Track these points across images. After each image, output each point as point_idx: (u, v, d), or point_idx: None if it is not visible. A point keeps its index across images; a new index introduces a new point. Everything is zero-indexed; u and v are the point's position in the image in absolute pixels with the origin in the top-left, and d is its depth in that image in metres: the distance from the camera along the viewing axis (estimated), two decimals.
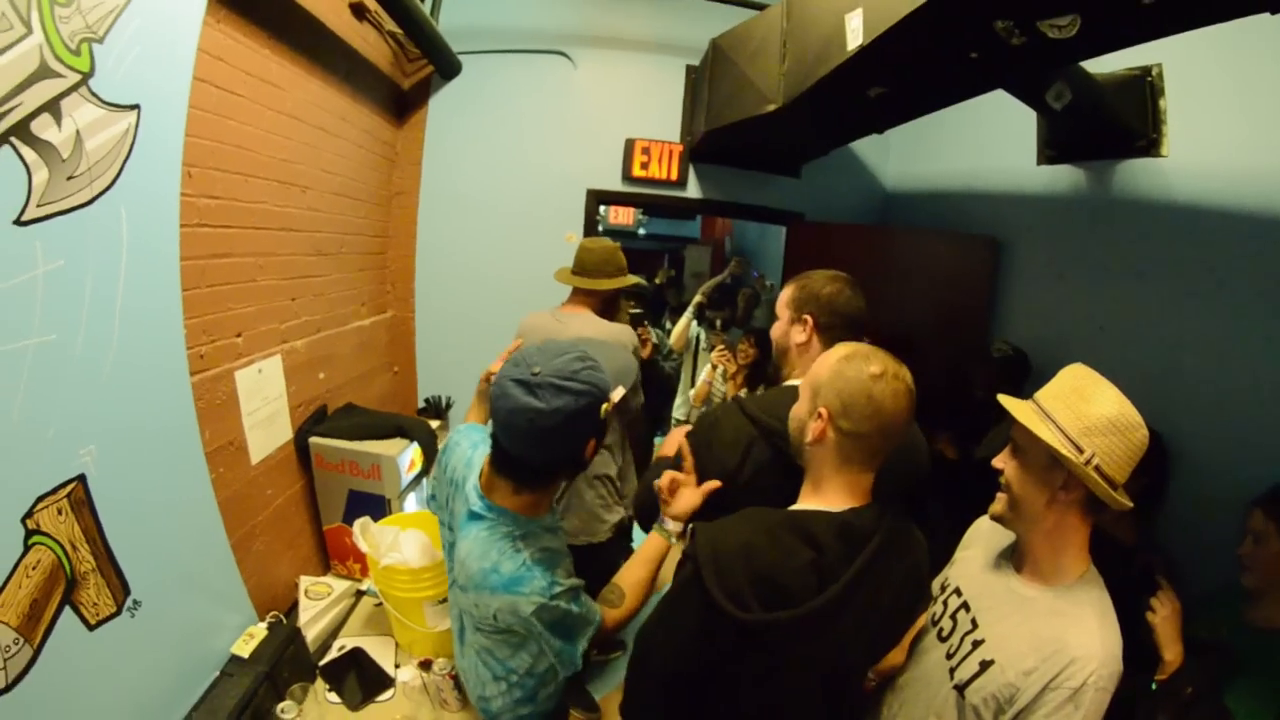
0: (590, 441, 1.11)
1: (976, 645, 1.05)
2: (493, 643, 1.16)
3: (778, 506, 1.23)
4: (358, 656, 1.72)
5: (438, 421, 2.93)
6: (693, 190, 3.31)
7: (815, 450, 1.03)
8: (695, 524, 1.04)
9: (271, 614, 1.65)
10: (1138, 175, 1.97)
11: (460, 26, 2.81)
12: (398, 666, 1.70)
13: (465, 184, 3.08)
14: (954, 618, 1.14)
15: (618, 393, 1.14)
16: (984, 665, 1.02)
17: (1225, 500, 1.55)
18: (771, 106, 2.22)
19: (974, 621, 1.09)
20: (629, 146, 3.18)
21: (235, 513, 1.60)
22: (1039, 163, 2.34)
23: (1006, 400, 1.06)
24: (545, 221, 3.18)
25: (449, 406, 3.12)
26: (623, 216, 7.19)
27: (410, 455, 2.14)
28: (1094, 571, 1.02)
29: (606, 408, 1.09)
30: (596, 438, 1.12)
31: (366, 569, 1.93)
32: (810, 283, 1.43)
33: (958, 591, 1.17)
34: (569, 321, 2.02)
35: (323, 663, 1.67)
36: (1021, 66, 1.69)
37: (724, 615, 0.89)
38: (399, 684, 1.63)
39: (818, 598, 0.90)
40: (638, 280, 2.18)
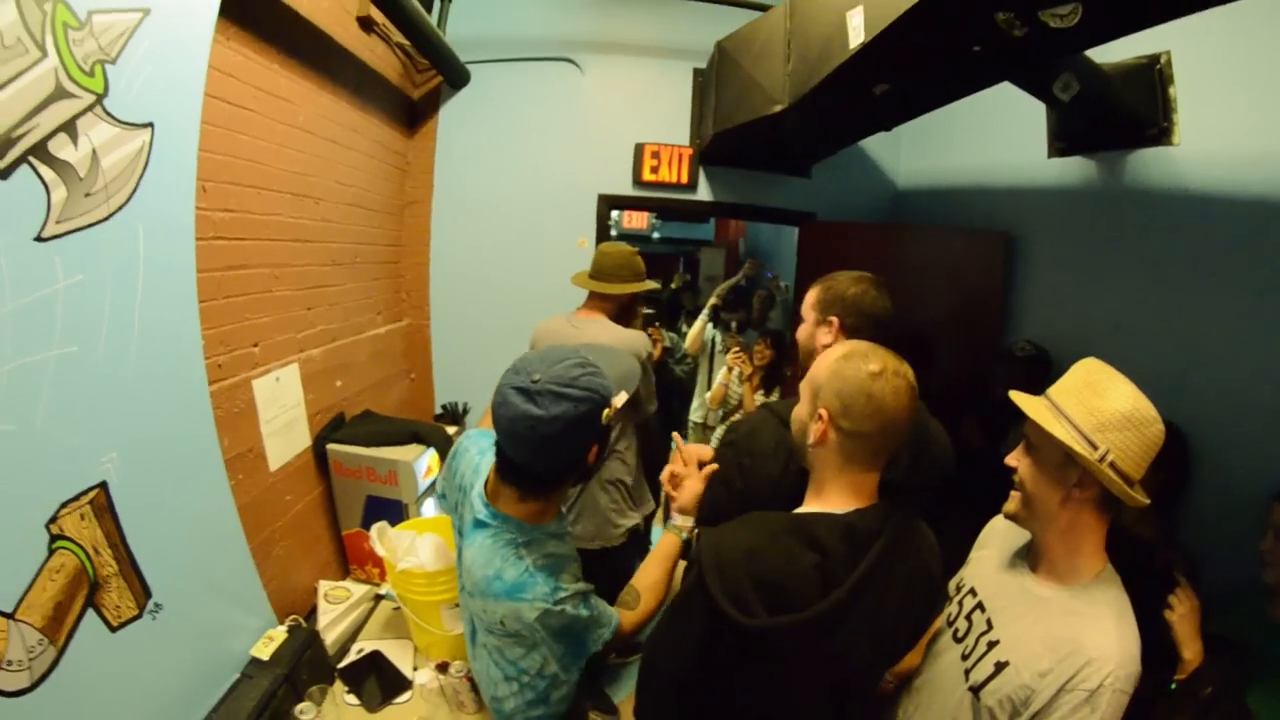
0: (593, 447, 1.11)
1: (991, 646, 1.04)
2: (503, 644, 1.17)
3: None
4: (376, 659, 1.74)
5: (455, 427, 2.95)
6: (703, 193, 3.31)
7: (818, 452, 1.02)
8: (700, 529, 1.02)
9: (291, 617, 1.68)
10: (1150, 165, 1.93)
11: (467, 36, 2.86)
12: (415, 669, 1.72)
13: (477, 192, 3.12)
14: (969, 618, 1.13)
15: (620, 398, 1.14)
16: (999, 667, 1.00)
17: (1247, 495, 1.51)
18: (778, 107, 2.22)
19: (989, 622, 1.07)
20: (639, 151, 3.20)
21: (254, 518, 1.64)
22: (1049, 155, 2.31)
23: (1018, 397, 1.05)
24: (557, 227, 3.21)
25: (466, 412, 3.15)
26: (637, 220, 7.22)
27: (427, 461, 2.16)
28: (1111, 570, 1.00)
29: (608, 413, 1.09)
30: (599, 443, 1.12)
31: (385, 573, 1.95)
32: (835, 284, 1.44)
33: (973, 592, 1.16)
34: (584, 327, 2.04)
35: (341, 665, 1.70)
36: (1026, 58, 1.67)
37: (728, 620, 0.88)
38: (416, 686, 1.65)
39: (822, 602, 0.89)
40: (653, 285, 2.18)
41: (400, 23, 2.16)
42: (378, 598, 2.00)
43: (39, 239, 1.00)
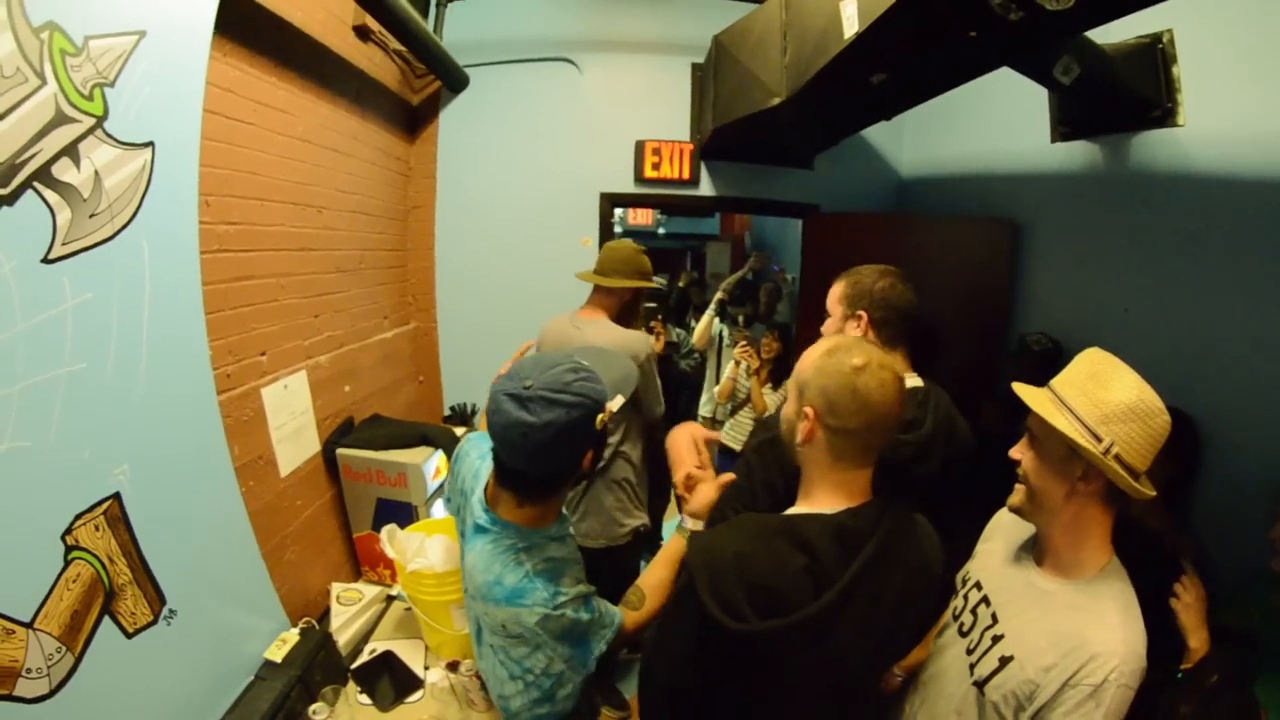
0: (588, 453, 1.10)
1: (996, 641, 1.03)
2: (508, 644, 1.18)
3: None
4: (388, 659, 1.77)
5: (463, 428, 2.99)
6: (705, 188, 3.30)
7: (806, 451, 1.01)
8: (691, 533, 1.02)
9: (304, 620, 1.72)
10: (1155, 147, 1.90)
11: (464, 40, 2.87)
12: (427, 668, 1.75)
13: (479, 194, 3.14)
14: (974, 612, 1.12)
15: (616, 402, 1.13)
16: (1003, 661, 0.99)
17: (1258, 483, 1.49)
18: (776, 100, 2.20)
19: (994, 616, 1.07)
20: (639, 148, 3.19)
21: (266, 524, 1.67)
22: (1053, 140, 2.28)
23: (1021, 389, 1.03)
24: (560, 227, 3.22)
25: (474, 413, 3.18)
26: (642, 217, 7.21)
27: (435, 463, 2.19)
28: (1116, 564, 0.99)
29: (603, 418, 1.08)
30: (594, 448, 1.12)
31: (396, 574, 1.98)
32: (861, 279, 1.43)
33: (978, 585, 1.15)
34: (584, 327, 2.04)
35: (354, 666, 1.73)
36: (1024, 42, 1.64)
37: (719, 625, 0.87)
38: (428, 685, 1.68)
39: (811, 605, 0.87)
40: (656, 284, 2.17)
41: (395, 30, 2.17)
42: (389, 599, 2.04)
43: (46, 260, 1.03)
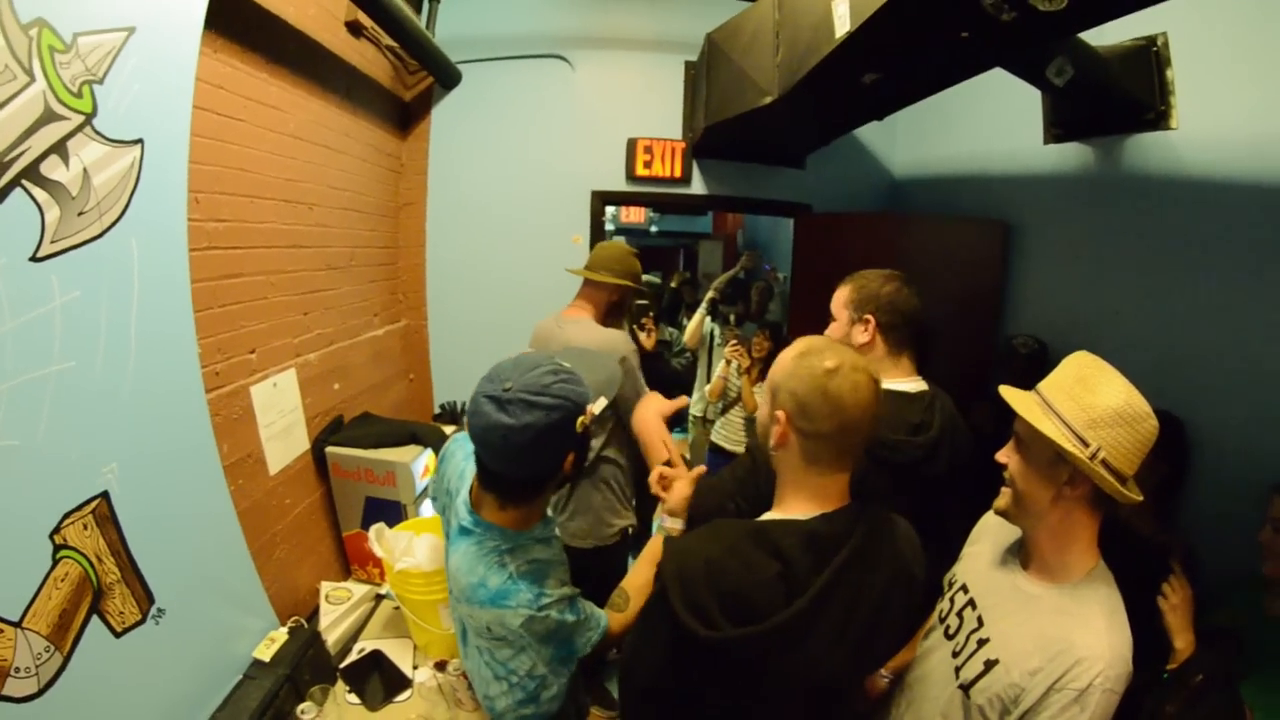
0: (569, 455, 1.10)
1: (982, 644, 1.04)
2: (492, 646, 1.18)
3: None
4: (377, 658, 1.77)
5: (453, 426, 2.98)
6: (697, 187, 3.31)
7: (780, 455, 1.00)
8: (666, 539, 1.00)
9: (293, 619, 1.71)
10: (1148, 149, 1.92)
11: (457, 36, 2.86)
12: (415, 667, 1.75)
13: (471, 191, 3.13)
14: (960, 615, 1.13)
15: (599, 404, 1.14)
16: (988, 665, 1.00)
17: (1248, 486, 1.48)
18: (768, 99, 2.21)
19: (980, 619, 1.08)
20: (631, 146, 3.19)
21: (255, 522, 1.67)
22: (1046, 141, 2.30)
23: (1007, 392, 1.04)
24: (552, 224, 3.21)
25: (464, 411, 3.17)
26: (634, 215, 7.21)
27: (424, 461, 2.19)
28: (1103, 568, 0.99)
29: (583, 420, 1.08)
30: (576, 450, 1.12)
31: (385, 573, 1.98)
32: (868, 283, 1.45)
33: (964, 588, 1.16)
34: (567, 326, 2.04)
35: (343, 665, 1.73)
36: (1017, 43, 1.65)
37: (691, 633, 0.87)
38: (416, 684, 1.68)
39: (781, 613, 0.86)
40: (638, 285, 2.15)
41: (387, 26, 2.16)
42: (379, 597, 2.03)
43: (35, 259, 1.02)
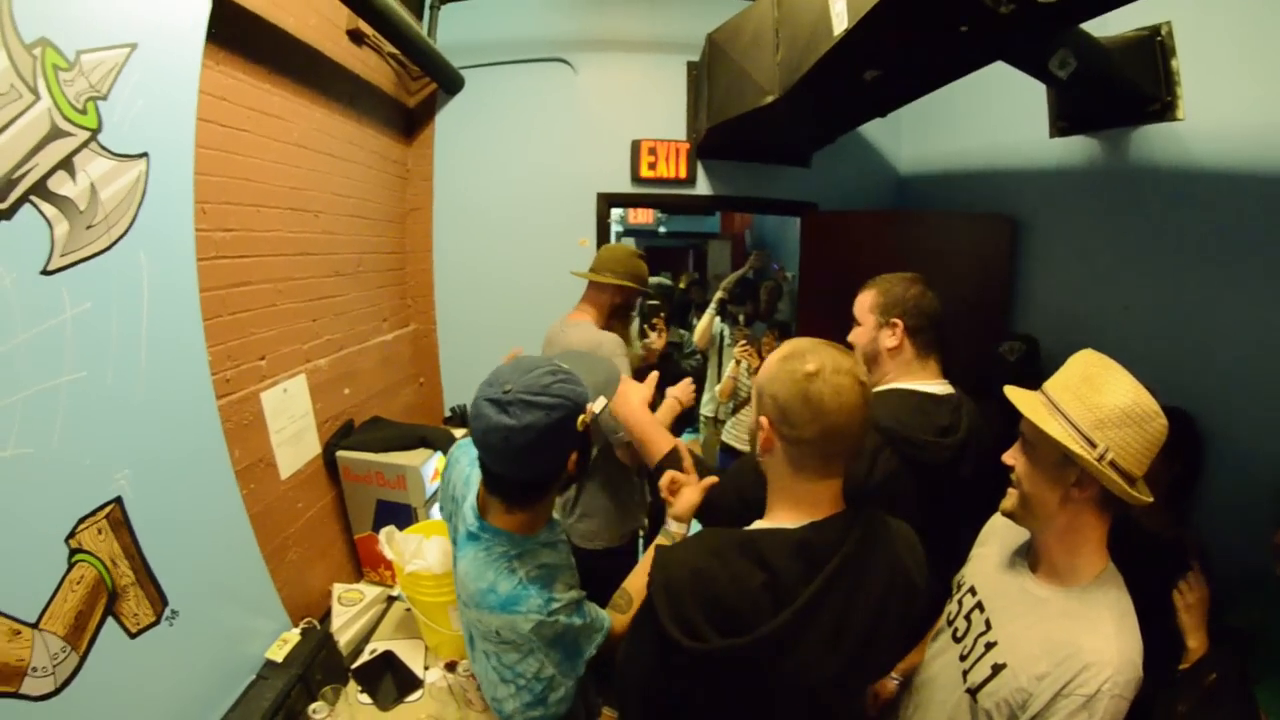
0: (571, 454, 1.11)
1: (989, 648, 1.03)
2: (500, 650, 1.19)
3: (910, 518, 1.16)
4: (389, 659, 1.80)
5: (464, 429, 3.01)
6: (702, 187, 3.30)
7: (767, 461, 0.98)
8: (657, 546, 0.99)
9: (306, 620, 1.74)
10: (1153, 141, 1.88)
11: (458, 42, 2.88)
12: (426, 668, 1.77)
13: (477, 195, 3.15)
14: (968, 618, 1.12)
15: (599, 403, 1.15)
16: (996, 669, 0.99)
17: (1262, 484, 1.47)
18: (769, 98, 2.20)
19: (987, 623, 1.07)
20: (635, 147, 3.19)
21: (267, 526, 1.69)
22: (1051, 135, 2.27)
23: (1013, 392, 1.03)
24: (558, 227, 3.22)
25: None
26: (642, 216, 7.20)
27: (434, 465, 2.21)
28: (1112, 570, 0.98)
29: (584, 419, 1.09)
30: (578, 450, 1.12)
31: (396, 575, 2.01)
32: (892, 287, 1.48)
33: (972, 590, 1.15)
34: (568, 330, 2.05)
35: (355, 665, 1.76)
36: (1017, 36, 1.64)
37: (674, 643, 0.86)
38: (427, 685, 1.70)
39: (766, 625, 0.84)
40: (641, 285, 2.13)
41: (388, 34, 2.18)
42: (390, 599, 2.06)
43: (45, 272, 1.05)
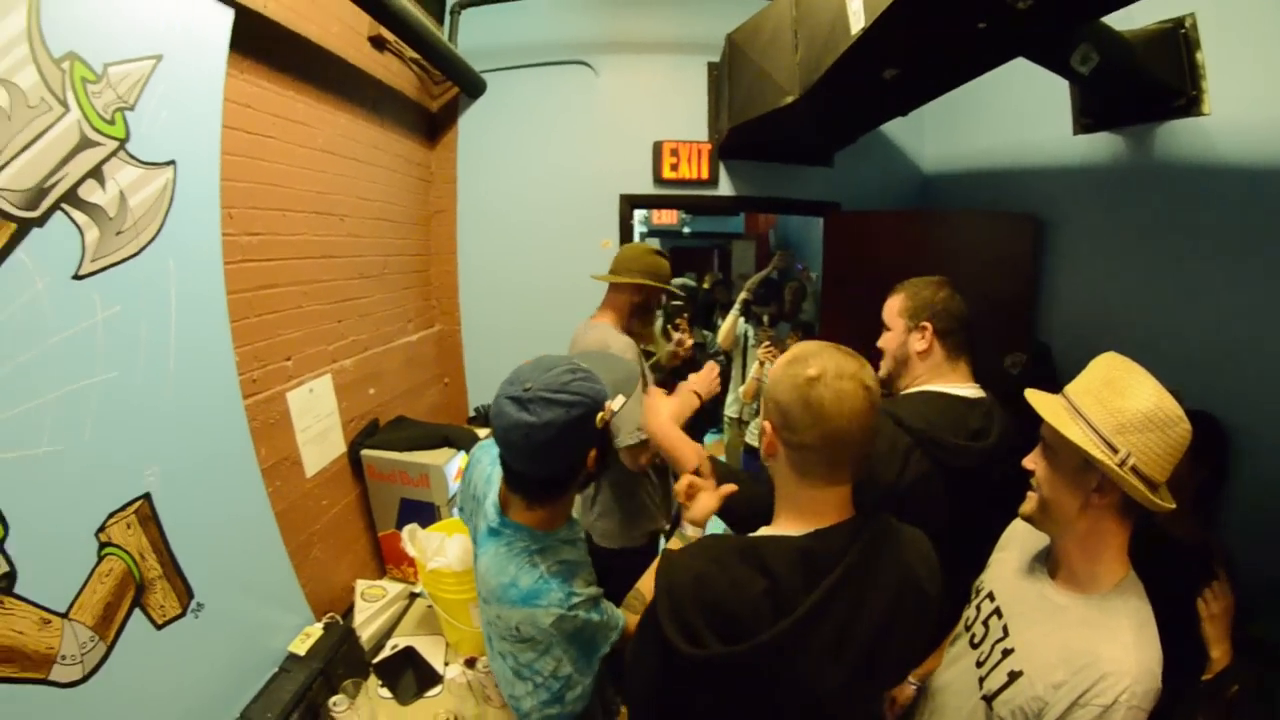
0: (591, 451, 1.13)
1: (1006, 654, 1.01)
2: (516, 649, 1.21)
3: (939, 521, 1.15)
4: (410, 654, 1.83)
5: (487, 430, 3.05)
6: (725, 188, 3.29)
7: (772, 466, 0.98)
8: (663, 551, 0.99)
9: (329, 615, 1.78)
10: (1179, 137, 1.81)
11: (479, 46, 2.92)
12: (446, 664, 1.80)
13: (500, 197, 3.18)
14: (986, 624, 1.11)
15: (617, 401, 1.16)
16: (1012, 676, 0.98)
17: None
18: (789, 98, 2.18)
19: (1005, 629, 1.05)
20: (657, 148, 3.19)
21: (292, 522, 1.74)
22: (1075, 132, 2.20)
23: (1033, 396, 1.01)
24: (580, 228, 3.24)
25: None
26: (666, 216, 7.20)
27: (457, 464, 2.24)
28: (1133, 578, 0.96)
29: (603, 416, 1.11)
30: (598, 447, 1.14)
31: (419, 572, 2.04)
32: (920, 291, 1.49)
33: (990, 596, 1.13)
34: (586, 333, 2.06)
35: (376, 660, 1.79)
36: (1037, 31, 1.60)
37: (675, 649, 0.86)
38: (446, 680, 1.73)
39: (766, 632, 0.84)
40: (658, 282, 2.11)
41: (409, 40, 2.21)
42: (413, 596, 2.10)
43: (77, 277, 1.10)
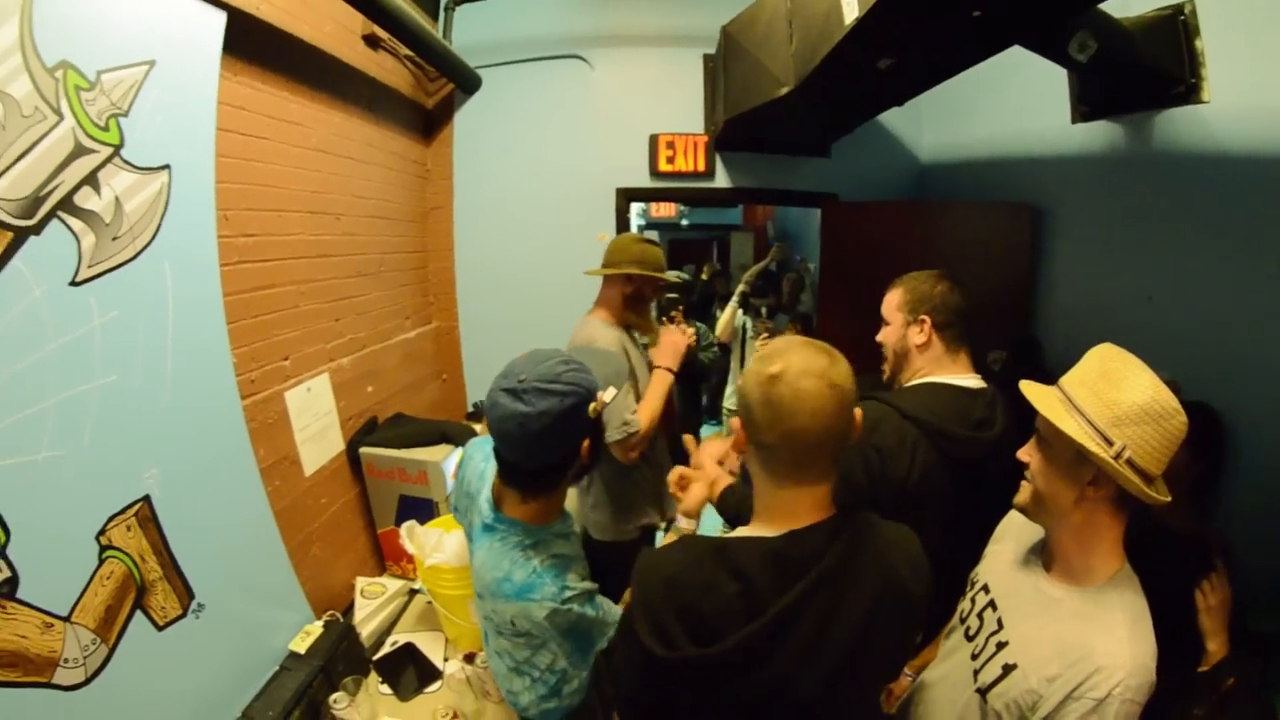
0: (584, 441, 1.14)
1: (1000, 647, 1.02)
2: (513, 645, 1.22)
3: (945, 512, 1.15)
4: (410, 651, 1.85)
5: (484, 425, 3.06)
6: (721, 180, 3.28)
7: (749, 465, 0.96)
8: (642, 551, 0.98)
9: (329, 612, 1.80)
10: (1178, 125, 1.81)
11: (474, 42, 2.91)
12: (446, 659, 1.82)
13: (497, 193, 3.18)
14: (981, 616, 1.11)
15: (609, 393, 1.18)
16: (1006, 669, 0.98)
17: None
18: (784, 89, 2.17)
19: (999, 621, 1.05)
20: (653, 142, 3.18)
21: (292, 521, 1.75)
22: (1073, 120, 2.19)
23: (1028, 388, 1.01)
24: (577, 223, 3.23)
25: None
26: (665, 209, 7.19)
27: (455, 460, 2.24)
28: (1128, 571, 0.95)
29: (595, 407, 1.13)
30: (591, 437, 1.16)
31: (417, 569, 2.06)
32: (919, 284, 1.49)
33: (985, 588, 1.14)
34: (579, 330, 2.07)
35: (376, 657, 1.81)
36: (1032, 19, 1.60)
37: (649, 651, 0.85)
38: (445, 676, 1.75)
39: (731, 637, 0.82)
40: (647, 270, 2.07)
41: (402, 37, 2.21)
42: (412, 592, 2.11)
43: (74, 283, 1.11)
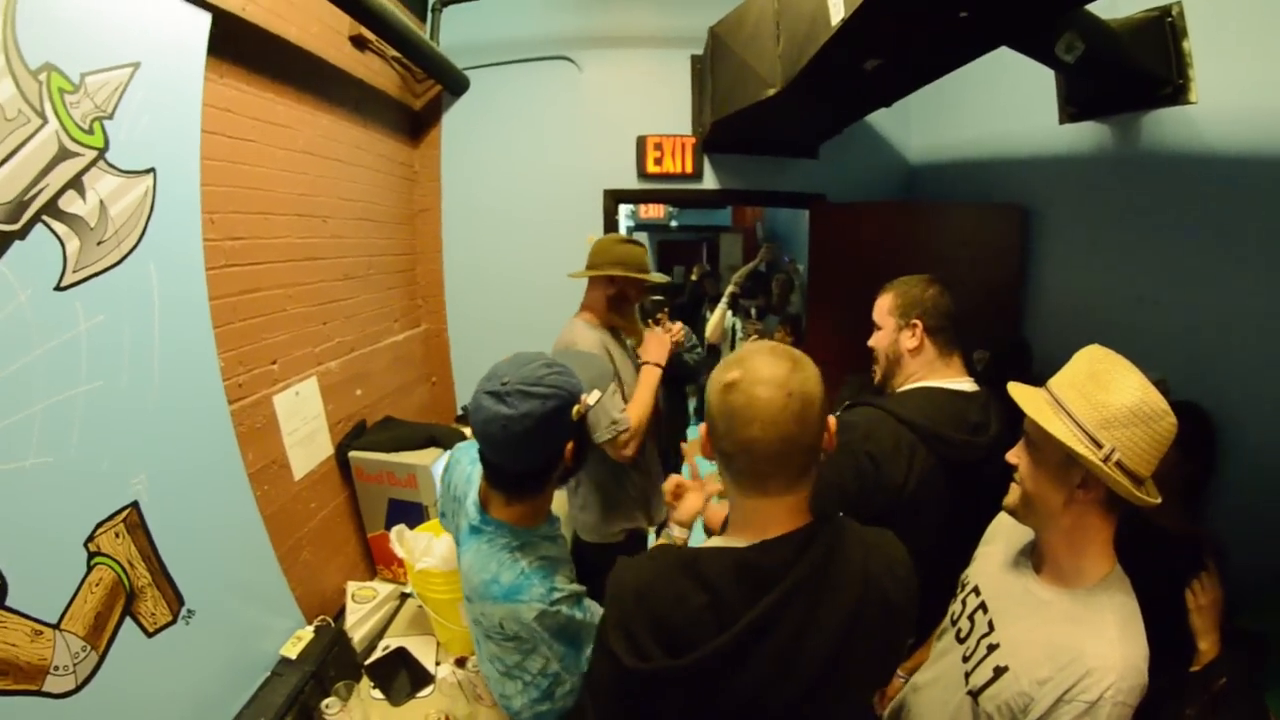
0: (567, 443, 1.15)
1: (991, 650, 1.02)
2: (504, 650, 1.22)
3: (941, 517, 1.13)
4: (402, 655, 1.84)
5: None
6: (709, 181, 3.29)
7: (719, 473, 0.94)
8: (618, 560, 0.97)
9: (320, 618, 1.78)
10: (1166, 126, 1.83)
11: (462, 43, 2.90)
12: (438, 663, 1.81)
13: (485, 195, 3.17)
14: (971, 619, 1.12)
15: (592, 395, 1.19)
16: (998, 672, 0.99)
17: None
18: (771, 91, 2.19)
19: (990, 624, 1.06)
20: (641, 143, 3.18)
21: (281, 526, 1.74)
22: (1061, 121, 2.22)
23: (1016, 390, 1.01)
24: (565, 225, 3.23)
25: None
26: (654, 210, 7.20)
27: (443, 463, 2.24)
28: (1119, 573, 0.96)
29: (579, 409, 1.14)
30: (575, 439, 1.16)
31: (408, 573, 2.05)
32: (910, 288, 1.50)
33: (976, 590, 1.14)
34: (564, 332, 2.07)
35: (368, 662, 1.80)
36: (1019, 20, 1.61)
37: (619, 661, 0.84)
38: (438, 680, 1.74)
39: (704, 648, 0.81)
40: (629, 271, 2.07)
41: (389, 38, 2.20)
42: (403, 596, 2.10)
43: (59, 288, 1.09)
